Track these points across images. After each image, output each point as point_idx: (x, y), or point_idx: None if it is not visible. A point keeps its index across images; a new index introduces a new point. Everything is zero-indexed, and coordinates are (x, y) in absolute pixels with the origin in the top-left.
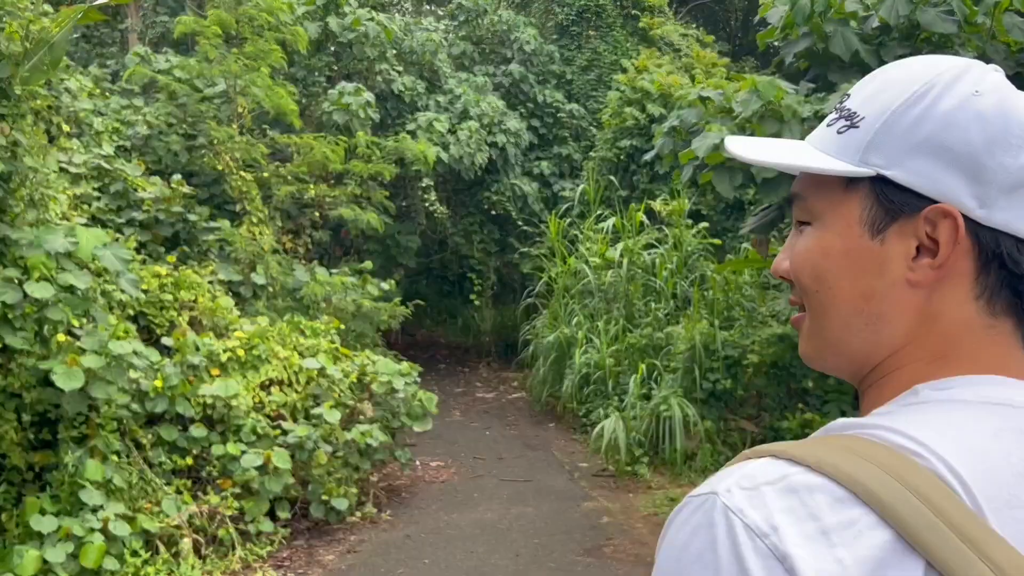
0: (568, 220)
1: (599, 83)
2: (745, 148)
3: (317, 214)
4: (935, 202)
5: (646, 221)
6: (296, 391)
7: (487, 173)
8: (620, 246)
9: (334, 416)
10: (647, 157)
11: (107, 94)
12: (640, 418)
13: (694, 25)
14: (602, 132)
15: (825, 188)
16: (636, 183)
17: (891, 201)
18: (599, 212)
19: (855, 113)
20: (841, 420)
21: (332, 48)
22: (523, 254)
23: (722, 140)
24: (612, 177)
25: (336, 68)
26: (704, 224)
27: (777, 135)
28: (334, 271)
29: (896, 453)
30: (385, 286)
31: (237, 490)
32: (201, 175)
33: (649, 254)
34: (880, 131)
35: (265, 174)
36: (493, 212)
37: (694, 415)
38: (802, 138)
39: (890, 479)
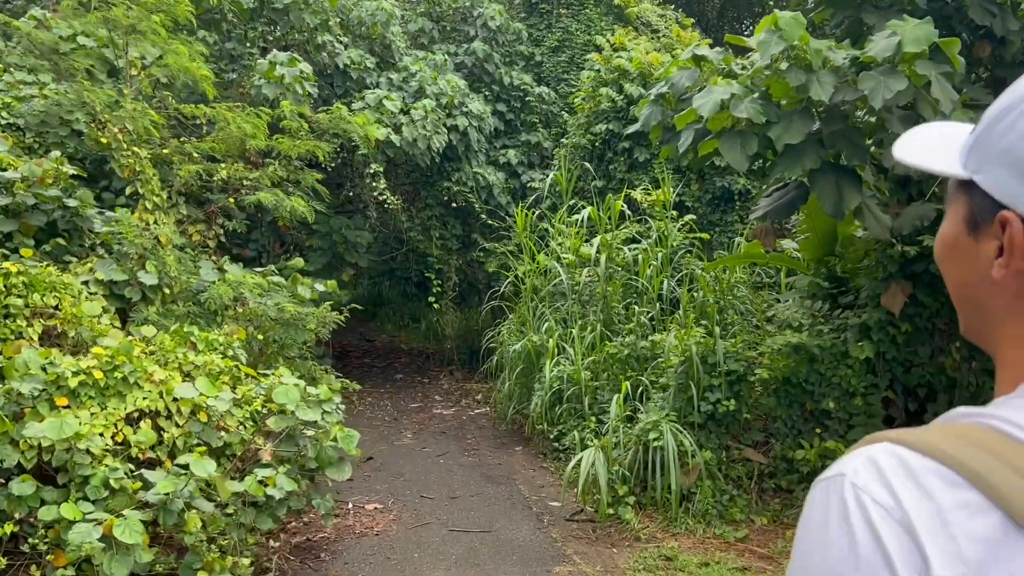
0: (537, 212)
1: (571, 65)
2: (905, 150)
3: (232, 200)
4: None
5: (628, 212)
6: (177, 425)
7: (447, 161)
8: (596, 240)
9: (204, 467)
10: (629, 131)
11: None
12: (624, 446)
13: (671, 7)
14: (574, 117)
15: (952, 184)
16: (613, 172)
17: (979, 204)
18: (572, 203)
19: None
20: (961, 408)
21: (266, 16)
22: (487, 251)
23: (731, 96)
24: (587, 164)
25: (272, 39)
26: (690, 216)
27: (804, 90)
28: (258, 270)
29: (1004, 439)
30: (320, 287)
31: (71, 573)
32: (85, 152)
33: (630, 250)
34: (978, 138)
35: (165, 151)
36: (454, 204)
37: (690, 444)
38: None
39: (999, 464)
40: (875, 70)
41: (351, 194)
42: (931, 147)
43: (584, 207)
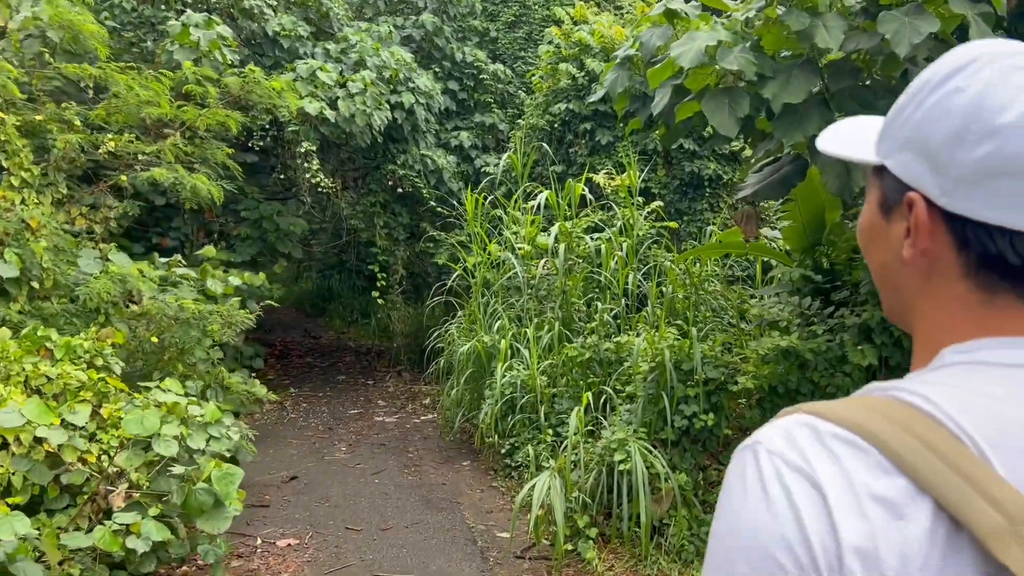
0: (491, 198)
1: (528, 42)
2: (827, 142)
3: (124, 178)
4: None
5: (590, 197)
6: (14, 452)
7: (391, 142)
8: (555, 229)
9: (10, 525)
10: (592, 99)
11: None
12: (584, 467)
13: None
14: (532, 97)
15: (869, 172)
16: (573, 156)
17: (890, 187)
18: (528, 188)
19: None
20: (873, 383)
21: None
22: (435, 240)
23: (719, 43)
24: (545, 144)
25: (192, 1)
26: (658, 203)
27: (807, 37)
28: (163, 260)
29: (911, 410)
30: (236, 280)
31: None
32: None
33: (592, 239)
34: (887, 126)
35: (38, 117)
36: (400, 190)
37: (662, 466)
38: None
39: (903, 432)
40: (897, 10)
41: (282, 176)
42: (853, 139)
43: (541, 191)
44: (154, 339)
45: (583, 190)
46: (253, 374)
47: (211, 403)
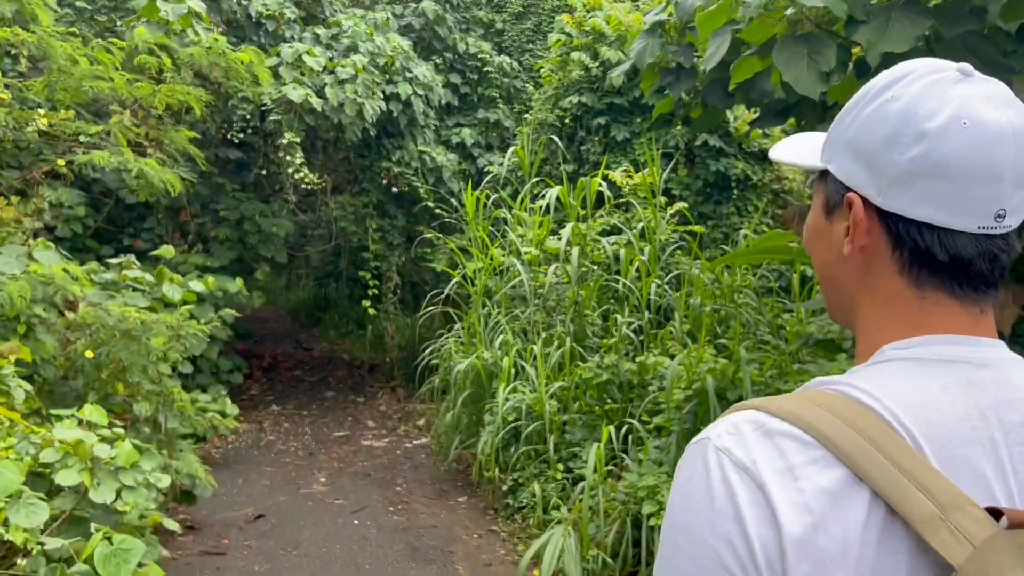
0: (494, 198)
1: (537, 34)
2: (778, 151)
3: (61, 163)
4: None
5: (608, 194)
6: None
7: (386, 137)
8: (567, 230)
9: None
10: (614, 74)
11: None
12: (605, 516)
13: None
14: (540, 90)
15: (815, 177)
16: (585, 154)
17: (832, 190)
18: (536, 183)
19: None
20: (816, 378)
21: None
22: (433, 245)
23: None
24: (555, 138)
25: None
26: (682, 204)
27: None
28: (114, 261)
29: (850, 402)
30: (198, 285)
31: None
32: None
33: (610, 242)
34: (831, 131)
35: None
36: (395, 190)
37: None
38: None
39: (844, 425)
40: None
41: (263, 172)
42: (802, 148)
43: (552, 186)
44: (88, 354)
45: (600, 185)
46: (226, 392)
47: (127, 441)
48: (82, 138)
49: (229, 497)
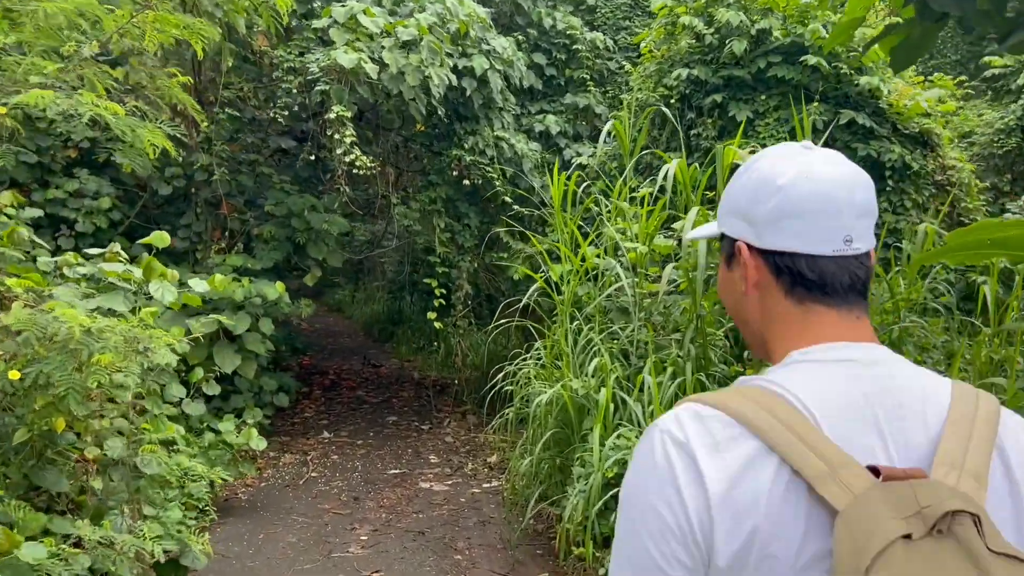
0: (584, 185)
1: (634, 9)
2: (691, 232)
3: (2, 110)
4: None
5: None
6: None
7: (458, 120)
8: (689, 217)
9: None
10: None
11: None
12: None
13: None
14: (640, 67)
15: (718, 239)
16: (697, 139)
17: (727, 245)
18: (638, 169)
19: None
20: (742, 377)
21: None
22: (507, 247)
23: None
24: (665, 109)
25: None
26: None
27: None
28: (93, 251)
29: (766, 393)
30: (201, 286)
31: None
32: None
33: None
34: (720, 206)
35: None
36: (467, 183)
37: None
38: None
39: (759, 408)
40: None
41: (312, 158)
42: (707, 227)
43: (668, 161)
44: (13, 374)
45: (745, 156)
46: (270, 415)
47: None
48: (33, 78)
49: (240, 563)
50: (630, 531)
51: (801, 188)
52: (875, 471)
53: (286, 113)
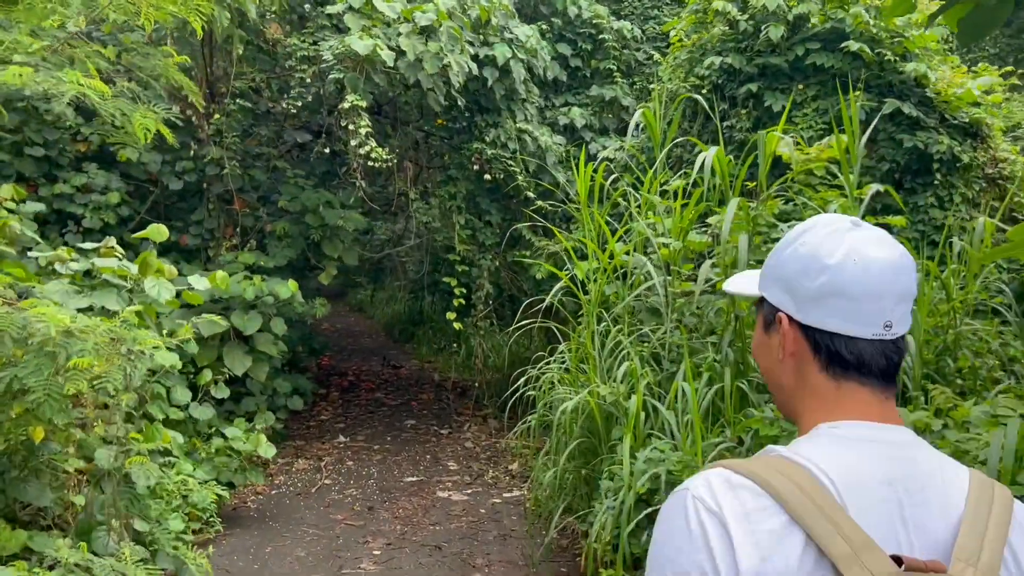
0: (612, 177)
1: None
2: (730, 283)
3: None
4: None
5: (793, 154)
6: None
7: (479, 112)
8: (731, 207)
9: None
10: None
11: None
12: None
13: None
14: (670, 56)
15: (757, 303)
16: (730, 131)
17: (767, 311)
18: (667, 162)
19: None
20: (770, 446)
21: None
22: (530, 245)
23: None
24: (698, 97)
25: None
26: (877, 186)
27: None
28: (88, 247)
29: (793, 465)
30: (201, 283)
31: None
32: None
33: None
34: (764, 268)
35: None
36: (488, 177)
37: None
38: None
39: (787, 481)
40: None
41: (326, 151)
42: (746, 282)
43: (705, 150)
44: None
45: (784, 146)
46: (283, 419)
47: None
48: (17, 57)
49: None
50: None
51: (849, 271)
52: (898, 560)
53: (299, 104)
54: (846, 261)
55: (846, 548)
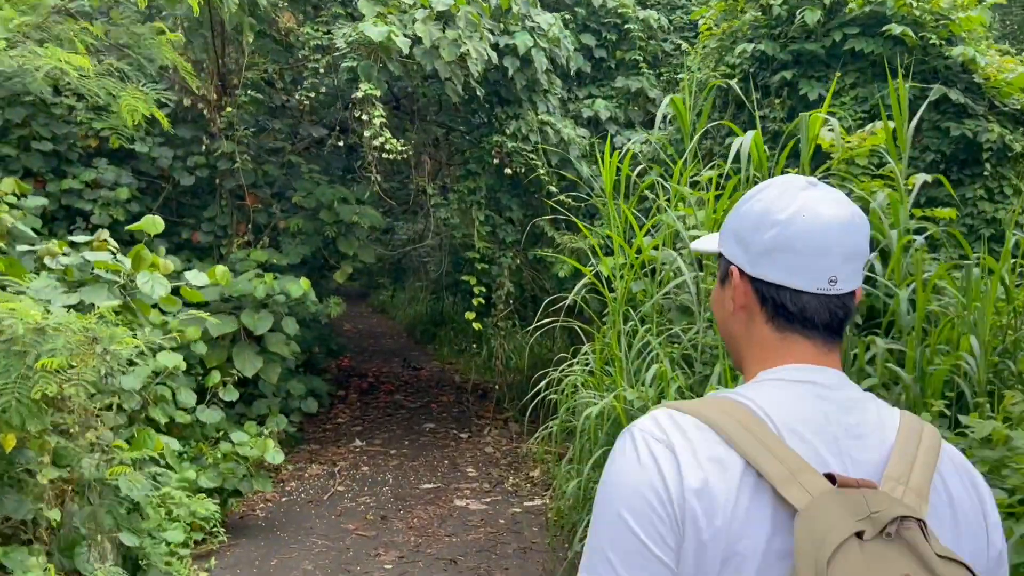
0: (638, 168)
1: None
2: (697, 242)
3: None
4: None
5: (840, 141)
6: None
7: (500, 104)
8: None
9: None
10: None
11: None
12: None
13: None
14: (698, 45)
15: (716, 257)
16: (763, 121)
17: (722, 265)
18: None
19: None
20: (715, 391)
21: None
22: (552, 242)
23: None
24: (732, 83)
25: None
26: (925, 176)
27: None
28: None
29: (733, 403)
30: (199, 279)
31: None
32: None
33: None
34: (722, 225)
35: None
36: (508, 171)
37: None
38: None
39: (727, 416)
40: None
41: (340, 144)
42: (709, 241)
43: (740, 135)
44: None
45: (827, 132)
46: (296, 422)
47: None
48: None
49: None
50: (613, 517)
51: (797, 226)
52: (831, 478)
53: (312, 95)
54: (795, 216)
55: (783, 470)
